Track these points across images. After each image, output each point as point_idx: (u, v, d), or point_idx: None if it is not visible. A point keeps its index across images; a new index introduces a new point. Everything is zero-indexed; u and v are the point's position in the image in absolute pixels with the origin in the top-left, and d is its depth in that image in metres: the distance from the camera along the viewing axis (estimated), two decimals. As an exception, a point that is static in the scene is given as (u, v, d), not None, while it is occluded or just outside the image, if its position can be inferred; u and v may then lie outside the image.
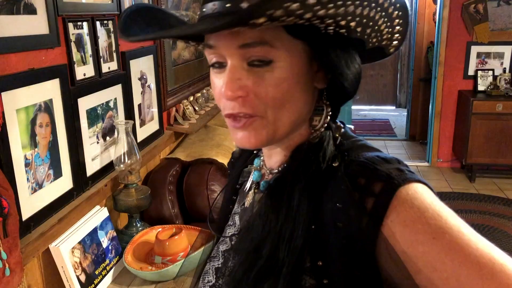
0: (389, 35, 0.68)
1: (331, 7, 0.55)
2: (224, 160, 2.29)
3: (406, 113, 6.72)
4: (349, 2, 0.57)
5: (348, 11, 0.58)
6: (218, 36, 0.63)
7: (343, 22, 0.59)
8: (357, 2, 0.58)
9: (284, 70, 0.63)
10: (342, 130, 0.72)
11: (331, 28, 0.61)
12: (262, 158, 0.80)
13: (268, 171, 0.77)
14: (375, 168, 0.61)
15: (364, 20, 0.62)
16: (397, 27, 0.67)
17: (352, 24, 0.61)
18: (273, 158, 0.75)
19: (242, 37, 0.61)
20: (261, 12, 0.51)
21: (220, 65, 0.66)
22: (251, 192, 0.79)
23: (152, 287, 1.56)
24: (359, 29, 0.63)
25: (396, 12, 0.65)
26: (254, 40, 0.61)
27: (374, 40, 0.67)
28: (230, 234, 0.82)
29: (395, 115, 7.77)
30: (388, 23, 0.65)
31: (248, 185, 0.82)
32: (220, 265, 0.79)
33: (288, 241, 0.63)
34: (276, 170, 0.74)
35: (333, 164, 0.66)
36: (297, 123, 0.69)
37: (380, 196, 0.59)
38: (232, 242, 0.79)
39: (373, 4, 0.61)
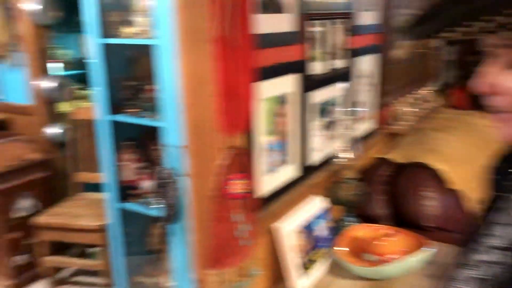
0: None
1: None
2: (437, 166, 2.17)
3: None
4: None
5: None
6: None
7: None
8: None
9: None
10: None
11: None
12: None
13: None
14: None
15: None
16: None
17: None
18: None
19: None
20: None
21: None
22: None
23: (364, 283, 1.56)
24: None
25: None
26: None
27: None
28: (489, 245, 0.77)
29: None
30: None
31: None
32: (482, 276, 0.75)
33: None
34: None
35: None
36: None
37: None
38: (493, 256, 0.74)
39: None
